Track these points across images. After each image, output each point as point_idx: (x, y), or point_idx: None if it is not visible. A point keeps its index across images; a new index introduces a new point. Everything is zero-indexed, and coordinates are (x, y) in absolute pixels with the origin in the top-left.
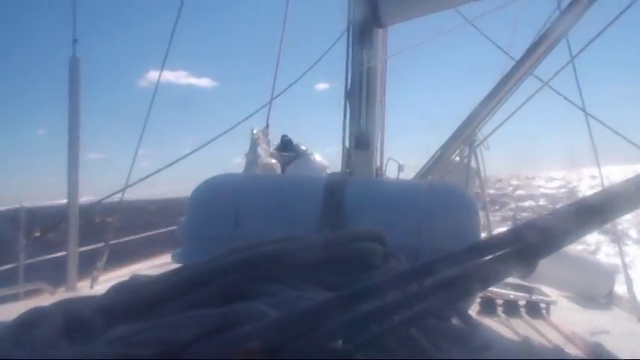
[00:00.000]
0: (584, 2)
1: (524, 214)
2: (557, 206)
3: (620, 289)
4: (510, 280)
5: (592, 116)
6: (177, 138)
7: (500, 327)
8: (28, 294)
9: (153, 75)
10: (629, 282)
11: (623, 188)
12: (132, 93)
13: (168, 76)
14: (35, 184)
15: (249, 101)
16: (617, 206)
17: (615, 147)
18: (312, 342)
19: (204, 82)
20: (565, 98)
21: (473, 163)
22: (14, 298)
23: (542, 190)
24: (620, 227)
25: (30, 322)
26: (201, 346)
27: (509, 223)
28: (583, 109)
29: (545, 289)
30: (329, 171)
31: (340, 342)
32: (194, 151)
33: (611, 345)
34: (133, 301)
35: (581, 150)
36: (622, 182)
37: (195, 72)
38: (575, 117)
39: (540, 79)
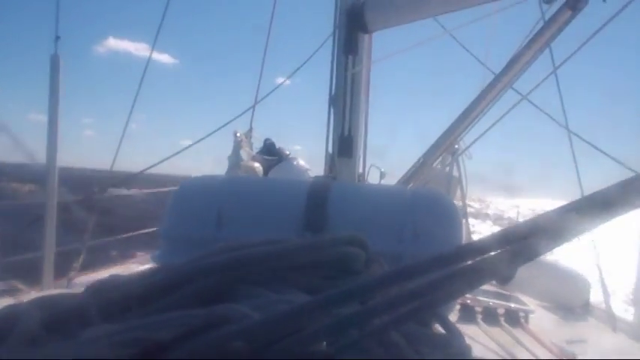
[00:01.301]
0: (568, 14)
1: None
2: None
3: (595, 299)
4: (489, 287)
5: (573, 132)
6: (127, 110)
7: (479, 335)
8: (2, 293)
9: (112, 42)
10: (605, 292)
11: (611, 193)
12: (86, 58)
13: (129, 46)
14: None
15: (207, 85)
16: (602, 212)
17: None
18: (296, 343)
19: (165, 57)
20: (543, 112)
21: (455, 172)
22: None
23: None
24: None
25: (6, 319)
26: (181, 346)
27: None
28: (566, 127)
29: (522, 297)
30: (312, 175)
31: (324, 344)
32: (184, 149)
33: (587, 355)
34: (111, 301)
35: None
36: (610, 187)
37: (157, 46)
38: (558, 133)
39: (519, 93)
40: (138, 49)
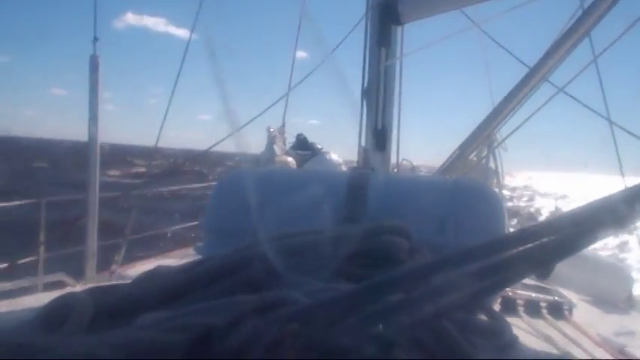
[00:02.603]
0: (608, 1)
1: None
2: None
3: (639, 292)
4: (529, 281)
5: (614, 123)
6: (145, 84)
7: (522, 327)
8: (48, 286)
9: (131, 17)
10: None
11: None
12: (106, 33)
13: (147, 21)
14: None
15: (223, 61)
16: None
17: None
18: (353, 326)
19: (182, 32)
20: (582, 104)
21: (491, 164)
22: (34, 289)
23: None
24: None
25: (62, 306)
26: (238, 329)
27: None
28: (607, 118)
29: (563, 291)
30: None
31: (381, 327)
32: (218, 142)
33: (636, 347)
34: (161, 289)
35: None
36: None
37: (175, 21)
38: (598, 121)
39: (555, 86)
40: (156, 23)
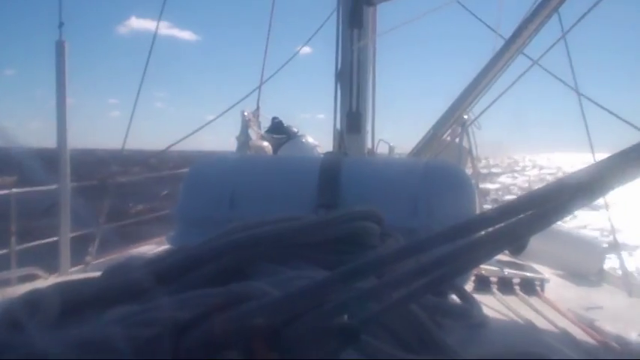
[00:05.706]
0: None
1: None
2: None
3: (609, 265)
4: (503, 257)
5: (584, 95)
6: (150, 89)
7: (495, 304)
8: (21, 279)
9: (134, 22)
10: (620, 258)
11: (615, 161)
12: (110, 39)
13: (150, 25)
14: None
15: (230, 59)
16: (609, 180)
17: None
18: (317, 318)
19: (187, 34)
20: (555, 77)
21: (465, 143)
22: (6, 283)
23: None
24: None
25: (27, 304)
26: (202, 325)
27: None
28: (575, 89)
29: (536, 266)
30: (321, 152)
31: (346, 317)
32: (196, 130)
33: (605, 320)
34: (130, 283)
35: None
36: (614, 155)
37: (179, 23)
38: (569, 97)
39: (530, 58)
40: (160, 26)
